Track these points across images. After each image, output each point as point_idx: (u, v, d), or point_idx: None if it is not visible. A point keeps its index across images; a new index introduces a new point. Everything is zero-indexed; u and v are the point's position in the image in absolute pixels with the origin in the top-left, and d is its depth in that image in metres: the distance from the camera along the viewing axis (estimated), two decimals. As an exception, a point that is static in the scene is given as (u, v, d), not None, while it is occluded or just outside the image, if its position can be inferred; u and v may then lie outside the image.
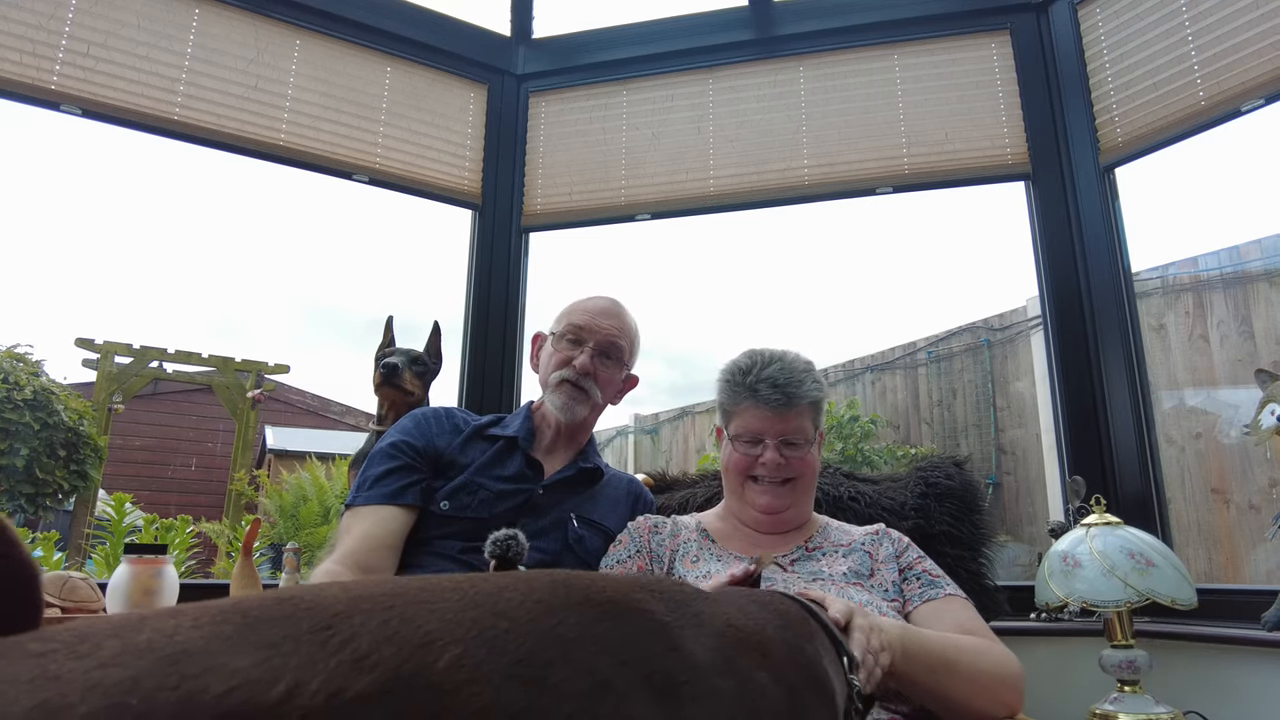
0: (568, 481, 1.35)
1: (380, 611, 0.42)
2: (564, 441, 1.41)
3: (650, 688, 0.46)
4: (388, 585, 0.46)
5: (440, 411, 1.39)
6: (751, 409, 1.20)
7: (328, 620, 0.40)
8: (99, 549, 3.79)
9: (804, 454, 1.20)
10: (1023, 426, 4.04)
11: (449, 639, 0.41)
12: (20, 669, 0.34)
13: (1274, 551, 1.41)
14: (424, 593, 0.46)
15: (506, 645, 0.43)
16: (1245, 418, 1.52)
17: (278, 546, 4.59)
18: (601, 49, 2.31)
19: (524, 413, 1.42)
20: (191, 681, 0.35)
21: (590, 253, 5.47)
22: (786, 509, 1.21)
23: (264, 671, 0.36)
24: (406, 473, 1.26)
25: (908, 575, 1.15)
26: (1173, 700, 1.25)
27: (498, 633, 0.43)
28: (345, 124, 2.09)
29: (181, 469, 7.61)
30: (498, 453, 1.32)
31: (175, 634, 0.37)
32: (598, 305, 1.42)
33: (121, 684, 0.34)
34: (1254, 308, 2.98)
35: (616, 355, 1.40)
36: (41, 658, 0.35)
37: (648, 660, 0.48)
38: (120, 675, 0.34)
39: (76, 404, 4.29)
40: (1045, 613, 1.65)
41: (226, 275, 10.83)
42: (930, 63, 2.09)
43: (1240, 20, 1.67)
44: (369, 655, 0.39)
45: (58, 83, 1.78)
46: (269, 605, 0.42)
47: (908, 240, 6.90)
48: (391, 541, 1.20)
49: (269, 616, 0.40)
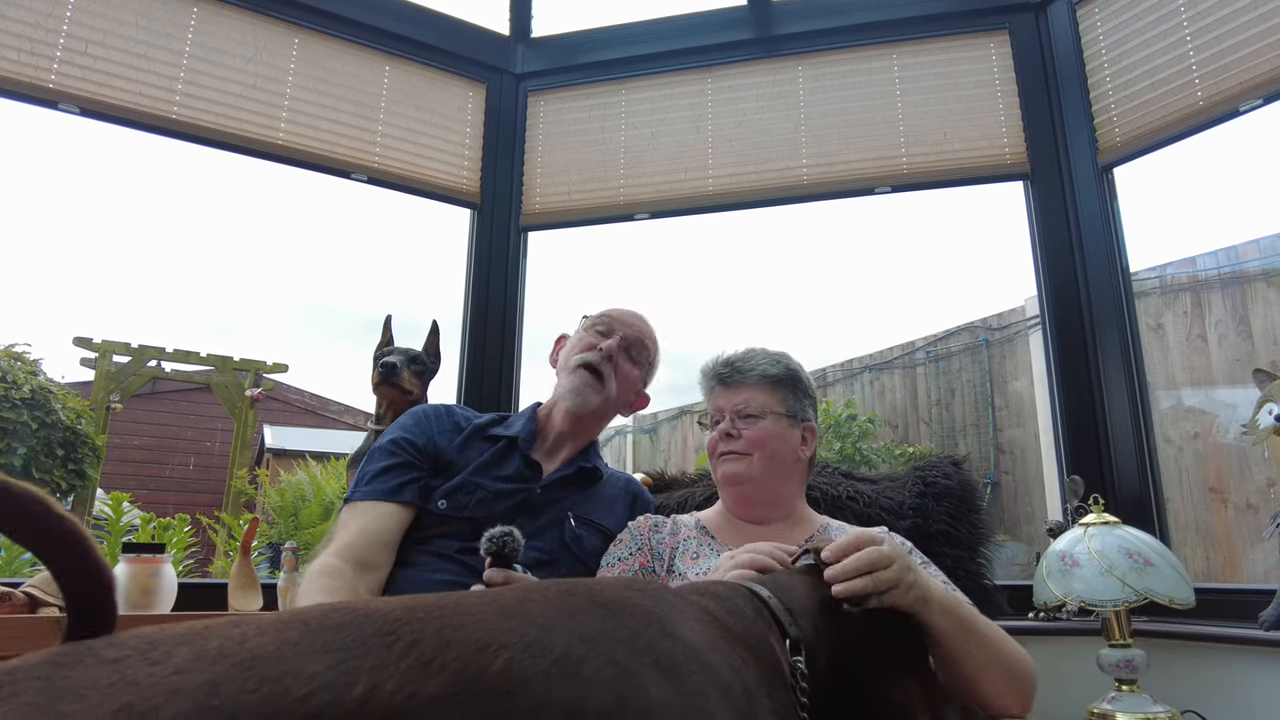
0: (566, 481, 1.34)
1: (434, 619, 0.46)
2: (566, 443, 1.40)
3: (658, 669, 0.52)
4: (431, 598, 0.51)
5: (441, 409, 1.39)
6: (714, 389, 1.31)
7: (390, 626, 0.44)
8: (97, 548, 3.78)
9: (757, 426, 1.24)
10: (1021, 426, 4.05)
11: (498, 644, 0.46)
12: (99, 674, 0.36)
13: (1271, 551, 1.42)
14: (461, 604, 0.50)
15: (543, 648, 0.47)
16: (1243, 417, 1.52)
17: (276, 546, 4.59)
18: (600, 48, 2.31)
19: (528, 413, 1.42)
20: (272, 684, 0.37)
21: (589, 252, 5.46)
22: (748, 481, 1.23)
23: (339, 674, 0.39)
24: (406, 470, 1.26)
25: None
26: (1170, 699, 1.25)
27: (534, 637, 0.48)
28: (344, 123, 2.09)
29: (180, 468, 7.60)
30: (497, 453, 1.32)
31: (244, 641, 0.40)
32: (634, 311, 1.47)
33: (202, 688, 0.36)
34: (1252, 307, 2.99)
35: (640, 355, 1.43)
36: (117, 664, 0.37)
37: (652, 647, 0.54)
38: (199, 680, 0.36)
39: (74, 403, 4.29)
40: (1043, 612, 1.65)
41: (225, 274, 10.82)
42: (929, 62, 2.10)
43: (1239, 20, 1.67)
44: (434, 659, 0.42)
45: (56, 81, 1.77)
46: (327, 614, 0.45)
47: (906, 240, 6.89)
48: (388, 538, 1.20)
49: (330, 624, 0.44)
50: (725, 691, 0.56)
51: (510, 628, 0.48)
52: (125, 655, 0.37)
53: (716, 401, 1.30)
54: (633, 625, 0.55)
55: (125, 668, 0.36)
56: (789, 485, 1.28)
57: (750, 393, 1.27)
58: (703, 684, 0.54)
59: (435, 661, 0.42)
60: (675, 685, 0.52)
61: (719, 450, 1.26)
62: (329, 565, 1.12)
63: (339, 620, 0.44)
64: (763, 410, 1.25)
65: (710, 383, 1.33)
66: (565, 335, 1.51)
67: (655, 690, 0.50)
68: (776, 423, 1.25)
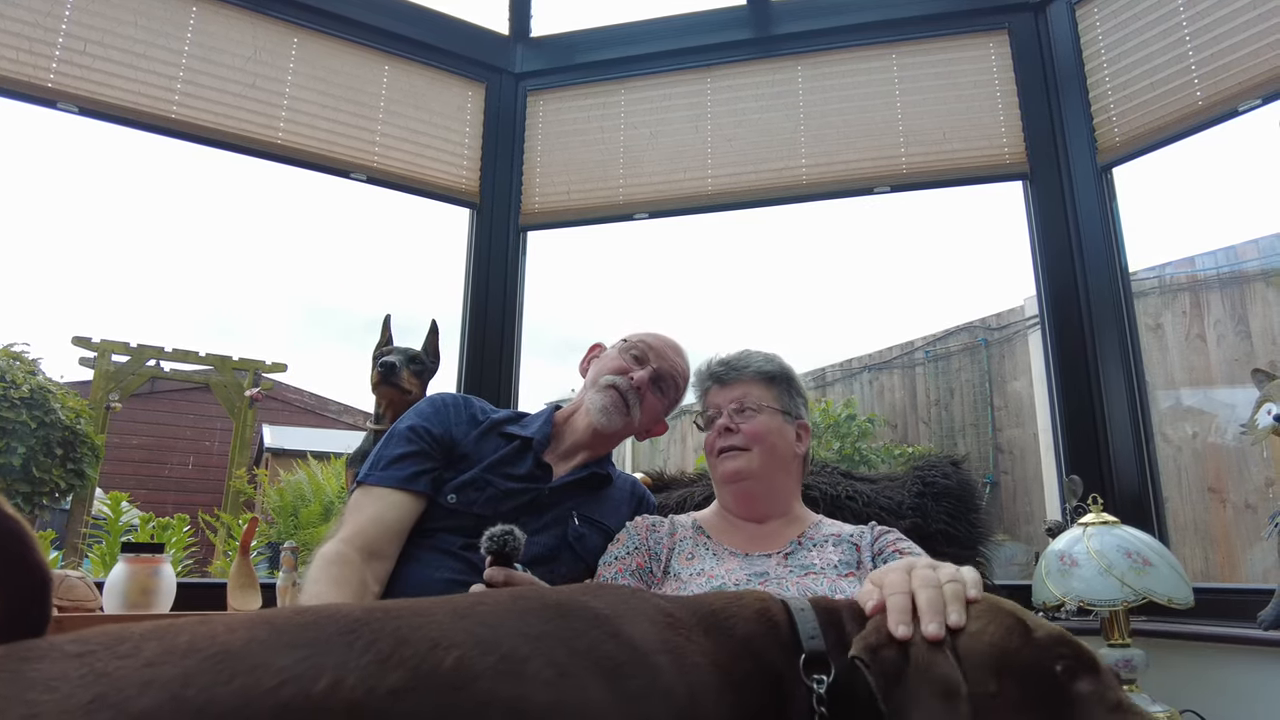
0: (575, 484, 1.34)
1: (392, 620, 0.49)
2: (582, 452, 1.38)
3: (599, 670, 0.54)
4: (389, 604, 0.54)
5: (460, 399, 1.38)
6: (710, 388, 1.33)
7: (351, 625, 0.47)
8: (95, 548, 3.78)
9: (755, 420, 1.24)
10: (1020, 426, 4.05)
11: (449, 643, 0.49)
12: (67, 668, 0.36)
13: (1270, 551, 1.42)
14: (418, 607, 0.54)
15: (491, 646, 0.50)
16: (1242, 417, 1.52)
17: (275, 546, 4.58)
18: (600, 48, 2.31)
19: (545, 415, 1.41)
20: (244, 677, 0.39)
21: (588, 252, 5.47)
22: (749, 476, 1.23)
23: (306, 668, 0.41)
24: (421, 459, 1.25)
25: (878, 561, 1.14)
26: (1169, 699, 1.25)
27: (483, 636, 0.51)
28: (343, 122, 2.09)
29: (179, 468, 7.59)
30: (511, 452, 1.32)
31: (214, 637, 0.42)
32: (671, 342, 1.46)
33: (175, 679, 0.37)
34: (1251, 307, 2.99)
35: (670, 390, 1.42)
36: (83, 657, 0.37)
37: (594, 648, 0.56)
38: (172, 672, 0.38)
39: (73, 402, 4.28)
40: (1043, 612, 1.65)
41: (224, 274, 10.81)
42: (928, 62, 2.10)
43: (1237, 20, 1.67)
44: (391, 655, 0.45)
45: (54, 80, 1.77)
46: (292, 615, 0.49)
47: (905, 240, 6.89)
48: (400, 528, 1.20)
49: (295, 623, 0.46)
50: (666, 695, 0.56)
51: (462, 627, 0.51)
52: (91, 650, 0.38)
53: (712, 399, 1.31)
54: (578, 627, 0.57)
55: (93, 661, 0.37)
56: (787, 481, 1.28)
57: (746, 387, 1.28)
58: (642, 686, 0.55)
59: (393, 657, 0.45)
60: (614, 686, 0.54)
61: (718, 447, 1.26)
62: (338, 553, 1.12)
63: (303, 620, 0.47)
64: (759, 404, 1.26)
65: (705, 383, 1.34)
66: (599, 345, 1.50)
67: (593, 690, 0.52)
68: (773, 417, 1.26)
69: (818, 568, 1.13)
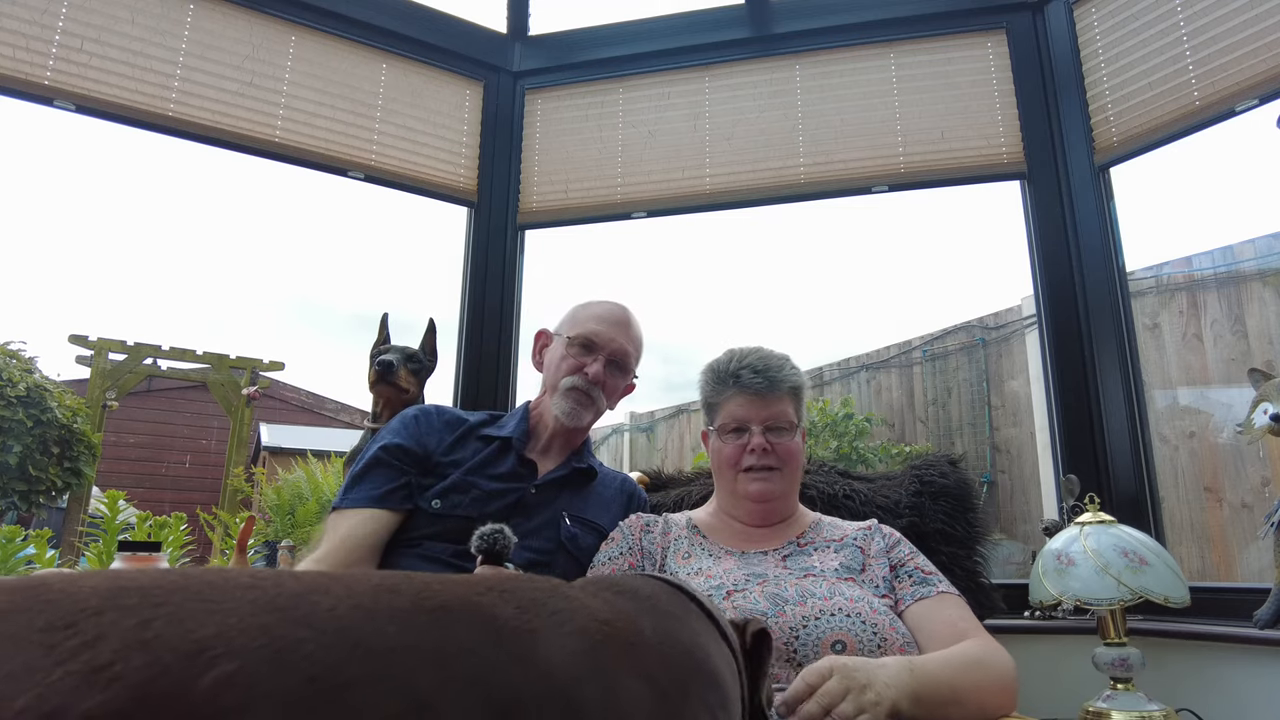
0: (560, 481, 1.35)
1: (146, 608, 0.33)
2: (560, 443, 1.40)
3: (489, 708, 0.38)
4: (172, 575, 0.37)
5: (431, 409, 1.38)
6: (736, 396, 1.23)
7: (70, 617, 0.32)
8: (92, 546, 3.77)
9: (788, 440, 1.22)
10: (1017, 425, 4.05)
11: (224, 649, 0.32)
12: None
13: (1266, 550, 1.42)
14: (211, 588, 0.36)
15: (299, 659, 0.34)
16: (1238, 417, 1.52)
17: (272, 544, 4.58)
18: (598, 46, 2.31)
19: (520, 413, 1.42)
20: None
21: (587, 250, 5.46)
22: (777, 497, 1.22)
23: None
24: (393, 476, 1.26)
25: (899, 572, 1.16)
26: (1165, 698, 1.25)
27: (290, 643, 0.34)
28: (341, 120, 2.09)
29: (176, 466, 7.58)
30: (491, 453, 1.32)
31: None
32: (610, 314, 1.43)
33: None
34: (1247, 307, 2.99)
35: (625, 365, 1.42)
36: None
37: (487, 675, 0.39)
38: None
39: (70, 401, 4.27)
40: (1039, 611, 1.65)
41: (222, 272, 10.80)
42: (926, 61, 2.10)
43: (1235, 20, 1.67)
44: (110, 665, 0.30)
45: (51, 78, 1.77)
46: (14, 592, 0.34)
47: (903, 239, 6.90)
48: (373, 541, 1.21)
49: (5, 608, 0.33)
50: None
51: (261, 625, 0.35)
52: None
53: (742, 411, 1.22)
54: (465, 640, 0.41)
55: None
56: (797, 491, 1.29)
57: (782, 405, 1.22)
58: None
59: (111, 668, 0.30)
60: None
61: (746, 464, 1.20)
62: None
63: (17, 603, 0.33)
64: (792, 424, 1.22)
65: (727, 389, 1.24)
66: (545, 331, 1.50)
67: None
68: (798, 434, 1.24)
69: (818, 570, 1.13)
